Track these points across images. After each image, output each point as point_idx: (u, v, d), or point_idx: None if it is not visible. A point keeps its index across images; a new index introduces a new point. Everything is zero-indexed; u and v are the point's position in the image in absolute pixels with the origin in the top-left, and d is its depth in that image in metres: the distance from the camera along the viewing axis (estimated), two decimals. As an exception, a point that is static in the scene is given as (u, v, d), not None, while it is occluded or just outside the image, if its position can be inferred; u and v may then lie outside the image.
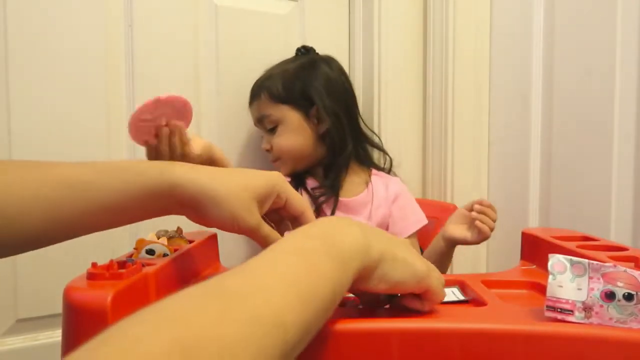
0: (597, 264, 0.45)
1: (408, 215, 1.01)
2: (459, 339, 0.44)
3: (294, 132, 0.99)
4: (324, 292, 0.34)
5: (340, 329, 0.45)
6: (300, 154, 1.00)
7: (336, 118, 0.99)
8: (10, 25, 0.88)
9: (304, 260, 0.35)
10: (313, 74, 1.01)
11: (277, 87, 0.99)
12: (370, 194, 0.99)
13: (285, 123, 0.99)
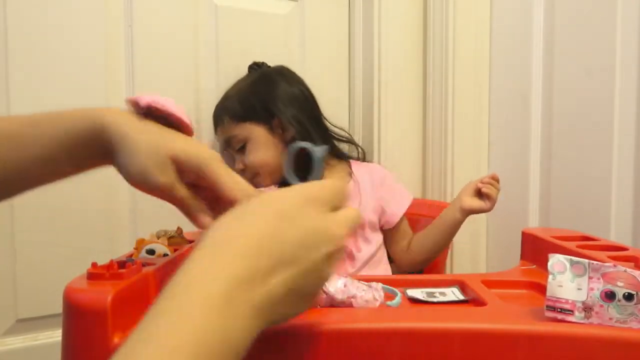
0: (597, 264, 0.45)
1: (397, 194, 1.03)
2: (459, 339, 0.44)
3: (263, 146, 1.00)
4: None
5: (341, 329, 0.45)
6: (274, 165, 1.00)
7: (299, 124, 1.00)
8: (10, 25, 0.88)
9: (219, 323, 0.30)
10: (268, 86, 1.02)
11: (235, 106, 1.00)
12: (357, 184, 1.00)
13: (252, 140, 1.00)
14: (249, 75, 1.07)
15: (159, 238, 0.69)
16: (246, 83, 1.04)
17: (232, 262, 0.32)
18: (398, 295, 0.57)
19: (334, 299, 0.52)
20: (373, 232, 1.00)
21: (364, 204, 0.98)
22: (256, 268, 0.32)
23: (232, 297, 0.30)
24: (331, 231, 0.37)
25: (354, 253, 0.97)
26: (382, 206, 1.00)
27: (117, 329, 0.45)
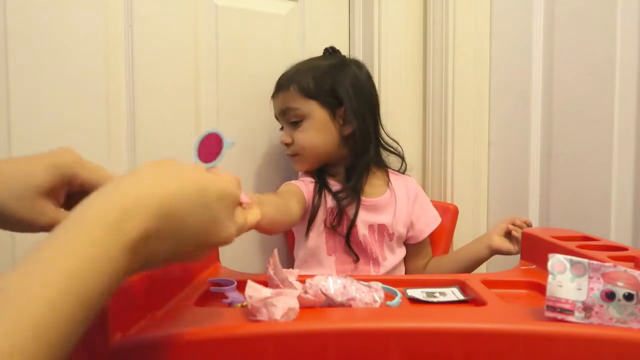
0: (597, 264, 0.45)
1: (428, 212, 1.03)
2: (459, 339, 0.44)
3: (319, 129, 0.97)
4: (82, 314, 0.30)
5: (341, 329, 0.45)
6: (322, 152, 0.98)
7: (362, 121, 0.99)
8: (10, 26, 0.88)
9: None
10: (343, 74, 1.00)
11: (307, 81, 0.97)
12: (393, 194, 1.00)
13: (311, 119, 0.97)
14: (325, 57, 1.04)
15: (159, 238, 0.69)
16: (324, 64, 1.01)
17: (112, 197, 0.35)
18: (398, 295, 0.57)
19: (333, 300, 0.52)
20: (398, 246, 1.00)
21: (397, 216, 0.98)
22: (133, 206, 0.36)
23: (109, 229, 0.33)
24: (227, 231, 0.43)
25: (379, 260, 0.97)
26: (412, 221, 1.00)
27: (117, 329, 0.45)
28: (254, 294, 0.48)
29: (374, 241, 0.96)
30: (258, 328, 0.45)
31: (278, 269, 0.56)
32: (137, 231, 0.35)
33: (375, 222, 0.97)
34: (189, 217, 0.39)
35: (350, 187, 0.97)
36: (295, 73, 0.99)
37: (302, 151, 0.98)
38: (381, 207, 0.98)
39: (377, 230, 0.97)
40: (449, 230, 1.05)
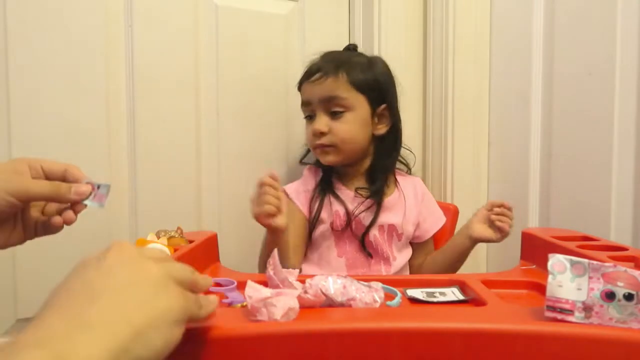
0: (597, 264, 0.45)
1: (434, 212, 1.02)
2: (459, 339, 0.44)
3: (361, 124, 0.95)
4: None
5: (341, 329, 0.45)
6: (357, 147, 0.96)
7: (399, 122, 0.99)
8: (10, 26, 0.88)
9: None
10: (388, 73, 0.99)
11: (357, 73, 0.95)
12: (402, 195, 0.99)
13: (356, 112, 0.94)
14: (358, 54, 1.02)
15: (159, 238, 0.69)
16: (362, 59, 0.98)
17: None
18: (398, 295, 0.57)
19: (333, 300, 0.52)
20: (405, 246, 1.00)
21: (407, 216, 0.97)
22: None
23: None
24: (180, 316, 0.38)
25: (390, 259, 0.96)
26: (419, 221, 1.00)
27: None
28: (254, 294, 0.48)
29: (383, 241, 0.96)
30: (258, 328, 0.45)
31: (278, 269, 0.56)
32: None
33: (386, 222, 0.96)
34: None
35: (374, 191, 0.95)
36: (343, 63, 0.96)
37: (341, 143, 0.94)
38: (390, 207, 0.97)
39: (386, 231, 0.96)
40: (449, 230, 1.05)
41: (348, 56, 0.99)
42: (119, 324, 0.33)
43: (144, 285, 0.36)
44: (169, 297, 0.37)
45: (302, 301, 0.49)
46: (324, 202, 0.96)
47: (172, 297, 0.37)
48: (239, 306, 0.56)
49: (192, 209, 1.06)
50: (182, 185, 1.05)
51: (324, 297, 0.51)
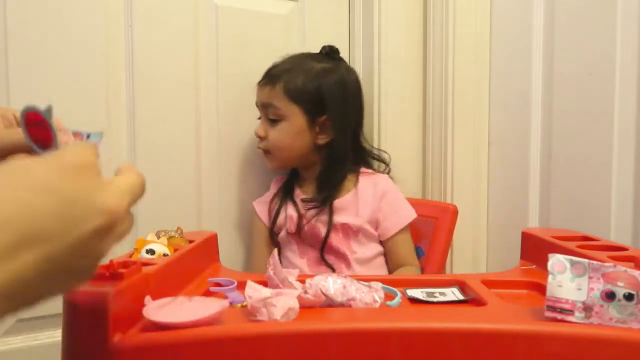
0: (597, 264, 0.45)
1: (398, 210, 1.02)
2: (459, 339, 0.44)
3: (294, 133, 0.98)
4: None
5: (341, 329, 0.45)
6: (292, 156, 1.01)
7: (341, 133, 0.99)
8: (10, 26, 0.88)
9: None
10: (334, 83, 0.99)
11: (296, 83, 0.97)
12: (357, 194, 1.01)
13: (289, 121, 0.98)
14: (321, 57, 1.03)
15: (159, 238, 0.69)
16: (316, 66, 1.00)
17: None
18: (398, 295, 0.57)
19: (333, 301, 0.52)
20: (369, 240, 1.01)
21: (361, 214, 0.99)
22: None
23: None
24: (99, 202, 0.32)
25: (347, 255, 0.98)
26: (378, 218, 1.00)
27: (117, 329, 0.45)
28: (254, 294, 0.48)
29: (338, 238, 0.98)
30: (258, 328, 0.45)
31: (278, 269, 0.57)
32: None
33: (337, 221, 0.98)
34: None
35: (321, 199, 0.99)
36: (286, 71, 0.99)
37: (275, 150, 0.99)
38: (342, 207, 0.99)
39: (340, 230, 0.99)
40: (448, 230, 1.05)
41: (299, 63, 1.00)
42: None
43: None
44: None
45: (302, 301, 0.49)
46: (281, 208, 1.02)
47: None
48: (239, 306, 0.56)
49: (192, 209, 1.06)
50: (182, 185, 1.05)
51: (324, 297, 0.51)
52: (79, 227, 0.31)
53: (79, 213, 0.31)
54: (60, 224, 0.30)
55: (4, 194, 0.29)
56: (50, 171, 0.31)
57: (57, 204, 0.30)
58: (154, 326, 0.45)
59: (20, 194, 0.30)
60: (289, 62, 1.02)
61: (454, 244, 1.11)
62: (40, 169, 0.31)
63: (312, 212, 0.99)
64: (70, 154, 0.34)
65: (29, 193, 0.30)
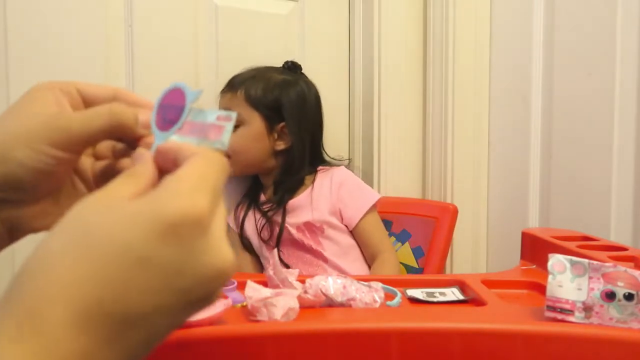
0: (597, 264, 0.45)
1: (358, 196, 1.03)
2: (459, 338, 0.44)
3: (252, 139, 1.01)
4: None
5: (341, 329, 0.45)
6: (250, 160, 1.02)
7: (299, 141, 1.02)
8: (10, 26, 0.88)
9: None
10: (293, 93, 1.03)
11: (256, 90, 1.01)
12: (312, 191, 1.03)
13: (248, 126, 1.00)
14: (281, 71, 1.07)
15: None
16: (277, 77, 1.04)
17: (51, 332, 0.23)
18: (398, 295, 0.57)
19: (333, 300, 0.52)
20: (337, 231, 1.02)
21: (319, 208, 1.01)
22: (86, 346, 0.23)
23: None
24: (210, 267, 0.26)
25: (320, 251, 1.00)
26: (339, 208, 1.02)
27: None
28: (254, 294, 0.48)
29: (308, 238, 1.00)
30: (258, 328, 0.45)
31: (278, 269, 0.57)
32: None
33: (299, 221, 1.00)
34: (141, 298, 0.25)
35: (276, 200, 1.02)
36: (248, 79, 1.02)
37: (233, 154, 1.00)
38: (298, 206, 1.01)
39: (305, 228, 1.01)
40: (448, 230, 1.05)
41: (261, 73, 1.04)
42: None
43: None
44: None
45: (302, 301, 0.49)
46: (247, 215, 1.06)
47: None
48: (239, 306, 0.56)
49: (192, 209, 1.06)
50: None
51: (324, 297, 0.51)
52: (184, 297, 0.26)
53: (185, 284, 0.26)
54: (162, 299, 0.25)
55: (90, 267, 0.24)
56: (146, 240, 0.25)
57: (157, 277, 0.25)
58: None
59: (111, 267, 0.25)
60: (252, 72, 1.04)
61: (454, 244, 1.11)
62: (134, 236, 0.25)
63: (270, 214, 1.02)
64: (173, 200, 0.26)
65: (122, 266, 0.25)
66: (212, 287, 0.27)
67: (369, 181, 1.15)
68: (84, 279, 0.24)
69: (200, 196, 0.26)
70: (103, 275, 0.24)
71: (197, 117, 0.34)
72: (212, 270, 0.26)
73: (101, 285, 0.24)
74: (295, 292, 0.51)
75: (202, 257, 0.26)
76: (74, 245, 0.25)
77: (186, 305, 0.27)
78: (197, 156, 0.29)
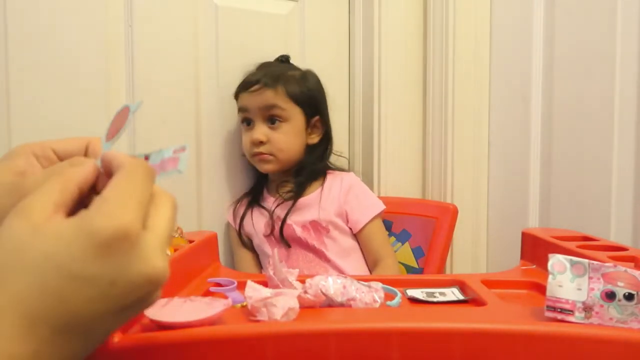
0: (597, 264, 0.45)
1: (364, 201, 1.05)
2: (459, 339, 0.44)
3: (296, 134, 1.02)
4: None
5: (341, 329, 0.45)
6: (292, 157, 1.03)
7: (328, 131, 1.06)
8: (10, 26, 0.88)
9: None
10: (320, 87, 1.07)
11: (294, 85, 1.02)
12: (322, 191, 1.03)
13: (292, 122, 1.01)
14: (290, 66, 1.07)
15: (159, 238, 0.68)
16: (297, 72, 1.05)
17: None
18: (398, 295, 0.57)
19: (333, 300, 0.52)
20: (341, 233, 1.02)
21: (326, 209, 1.01)
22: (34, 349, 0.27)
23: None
24: (142, 274, 0.29)
25: (323, 251, 1.00)
26: (346, 211, 1.02)
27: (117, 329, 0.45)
28: (254, 294, 0.48)
29: (312, 237, 1.00)
30: (258, 328, 0.45)
31: (278, 269, 0.57)
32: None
33: (306, 219, 1.01)
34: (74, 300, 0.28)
35: (289, 196, 1.01)
36: (281, 75, 1.02)
37: (278, 152, 1.01)
38: (307, 205, 1.02)
39: (311, 227, 1.01)
40: (448, 230, 1.05)
41: (283, 69, 1.05)
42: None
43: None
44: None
45: (302, 301, 0.49)
46: (247, 212, 1.05)
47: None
48: (239, 306, 0.56)
49: (192, 209, 1.06)
50: (182, 185, 1.05)
51: (324, 297, 0.51)
52: (119, 303, 0.29)
53: (118, 292, 0.29)
54: (98, 306, 0.28)
55: (31, 280, 0.27)
56: (79, 258, 0.28)
57: (92, 289, 0.28)
58: (154, 326, 0.45)
59: (50, 282, 0.27)
60: (272, 69, 1.04)
61: (454, 244, 1.11)
62: (68, 254, 0.28)
63: (277, 210, 1.02)
64: (101, 220, 0.28)
65: (59, 281, 0.28)
66: (144, 292, 0.30)
67: (369, 181, 1.15)
68: (26, 291, 0.27)
69: (125, 213, 0.29)
70: (43, 288, 0.27)
71: (156, 159, 0.36)
72: (142, 278, 0.29)
73: (42, 297, 0.27)
74: (295, 292, 0.51)
75: (132, 267, 0.29)
76: (13, 261, 0.28)
77: (122, 310, 0.30)
78: (121, 171, 0.32)
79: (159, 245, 0.31)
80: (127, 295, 0.29)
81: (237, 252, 1.07)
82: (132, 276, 0.29)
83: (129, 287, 0.29)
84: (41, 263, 0.28)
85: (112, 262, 0.28)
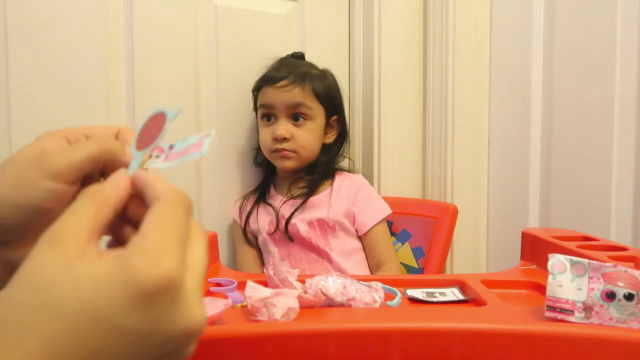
0: (597, 264, 0.45)
1: (372, 204, 1.05)
2: (459, 339, 0.44)
3: (318, 133, 1.03)
4: None
5: (341, 329, 0.45)
6: (312, 154, 1.03)
7: (344, 132, 1.08)
8: (10, 26, 0.88)
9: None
10: (336, 85, 1.08)
11: (319, 84, 1.02)
12: (332, 191, 1.04)
13: (315, 121, 1.02)
14: (310, 65, 1.07)
15: (159, 238, 0.68)
16: (317, 71, 1.05)
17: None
18: (398, 295, 0.57)
19: (333, 300, 0.52)
20: (347, 235, 1.02)
21: (334, 209, 1.01)
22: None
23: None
24: (180, 327, 0.27)
25: (327, 251, 1.00)
26: (354, 212, 1.03)
27: None
28: (254, 294, 0.48)
29: (317, 236, 1.00)
30: (258, 328, 0.45)
31: (278, 269, 0.57)
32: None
33: (313, 217, 1.00)
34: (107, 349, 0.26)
35: (299, 195, 1.01)
36: (306, 73, 1.02)
37: (302, 150, 1.01)
38: (317, 204, 1.02)
39: (317, 226, 1.01)
40: (448, 230, 1.05)
41: (307, 67, 1.05)
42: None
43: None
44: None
45: (302, 301, 0.49)
46: (253, 209, 1.05)
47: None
48: (239, 306, 0.56)
49: (192, 209, 1.06)
50: (182, 184, 1.04)
51: (324, 297, 0.51)
52: (152, 354, 0.27)
53: (154, 343, 0.27)
54: (129, 356, 0.26)
55: (63, 326, 0.25)
56: (118, 306, 0.26)
57: (127, 339, 0.26)
58: None
59: (83, 329, 0.25)
60: (296, 66, 1.04)
61: (454, 244, 1.11)
62: (105, 301, 0.26)
63: (285, 208, 1.01)
64: (143, 267, 0.26)
65: (94, 329, 0.25)
66: (183, 344, 0.28)
67: (369, 181, 1.15)
68: (58, 337, 0.25)
69: (168, 257, 0.27)
70: (75, 335, 0.25)
71: (181, 147, 0.36)
72: (182, 330, 0.27)
73: (74, 344, 0.25)
74: (295, 292, 0.51)
75: (173, 319, 0.27)
76: (46, 302, 0.26)
77: (156, 359, 0.28)
78: (161, 204, 0.30)
79: (197, 289, 0.29)
80: (163, 346, 0.27)
81: (240, 249, 1.07)
82: (171, 330, 0.27)
83: (166, 339, 0.27)
84: (75, 309, 0.26)
85: (152, 314, 0.26)
